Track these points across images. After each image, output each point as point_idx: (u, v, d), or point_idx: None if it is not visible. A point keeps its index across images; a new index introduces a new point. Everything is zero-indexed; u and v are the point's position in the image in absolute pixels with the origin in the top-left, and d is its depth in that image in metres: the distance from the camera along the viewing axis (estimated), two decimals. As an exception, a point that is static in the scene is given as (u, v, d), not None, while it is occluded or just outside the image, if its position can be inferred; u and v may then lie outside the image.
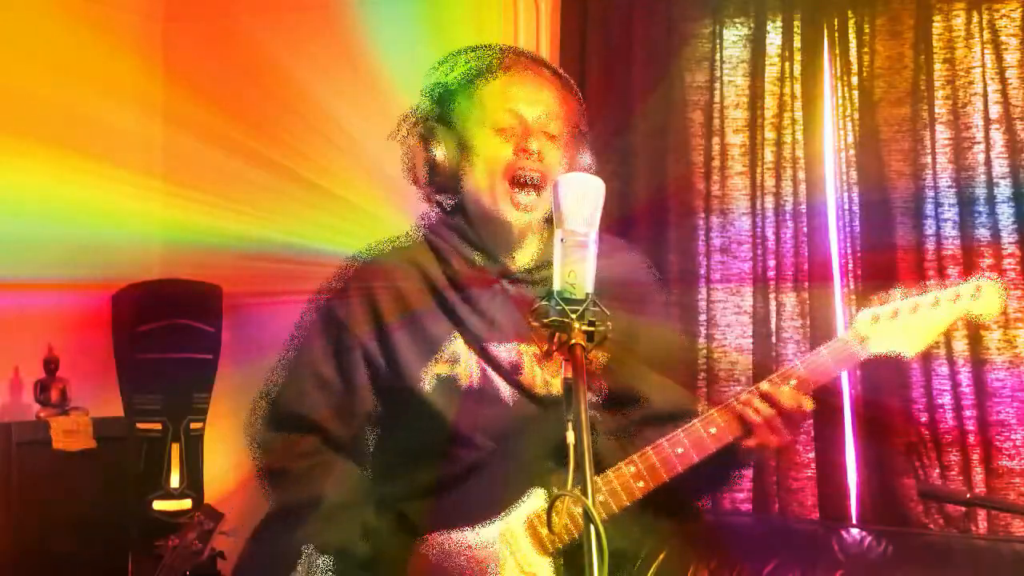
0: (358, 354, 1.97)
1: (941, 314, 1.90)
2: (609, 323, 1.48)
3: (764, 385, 1.89)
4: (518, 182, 1.93)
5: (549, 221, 1.99)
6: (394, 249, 2.06)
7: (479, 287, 1.97)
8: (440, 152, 1.98)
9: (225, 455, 3.88)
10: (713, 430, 1.88)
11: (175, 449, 3.77)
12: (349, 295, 2.01)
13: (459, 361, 1.95)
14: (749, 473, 3.32)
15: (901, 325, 1.90)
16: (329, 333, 2.00)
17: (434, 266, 1.99)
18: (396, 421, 2.01)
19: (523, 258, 2.02)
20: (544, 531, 1.88)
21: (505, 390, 1.95)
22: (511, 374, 1.95)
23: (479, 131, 1.97)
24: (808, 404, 1.88)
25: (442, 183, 2.01)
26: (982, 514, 3.08)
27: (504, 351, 1.95)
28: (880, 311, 1.91)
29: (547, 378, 1.95)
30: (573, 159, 2.02)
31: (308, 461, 1.97)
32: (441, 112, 2.01)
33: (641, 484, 1.87)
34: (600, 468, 1.95)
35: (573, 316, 1.46)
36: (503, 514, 1.90)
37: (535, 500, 1.91)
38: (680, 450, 1.87)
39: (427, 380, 1.93)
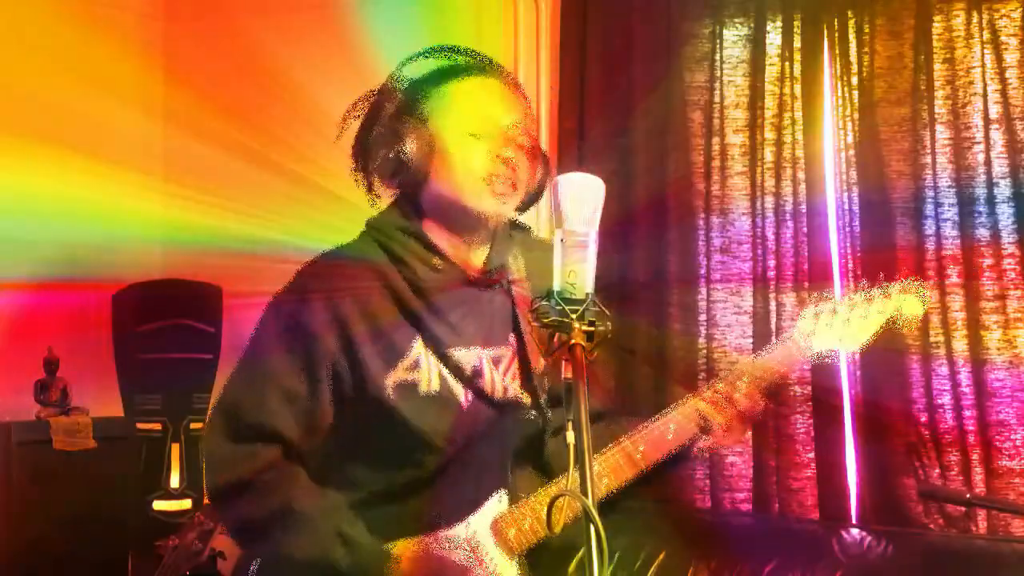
0: (320, 362, 1.89)
1: (874, 311, 1.99)
2: (609, 323, 1.49)
3: (719, 385, 1.95)
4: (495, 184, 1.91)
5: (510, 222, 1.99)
6: (349, 252, 1.99)
7: (439, 291, 1.94)
8: (408, 148, 1.90)
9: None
10: (672, 427, 1.93)
11: (175, 449, 3.78)
12: (309, 301, 1.92)
13: (420, 367, 1.91)
14: (749, 473, 3.33)
15: (840, 321, 1.99)
16: (289, 340, 1.91)
17: (393, 271, 1.93)
18: (359, 427, 1.95)
19: (479, 257, 1.98)
20: (511, 532, 1.90)
21: (462, 394, 1.93)
22: (470, 379, 1.93)
23: (453, 132, 1.92)
24: (760, 403, 1.95)
25: (404, 179, 1.94)
26: (982, 514, 3.08)
27: (463, 355, 1.93)
28: (821, 308, 2.01)
29: (505, 383, 1.95)
30: (534, 174, 1.96)
31: (272, 472, 1.88)
32: (410, 105, 1.95)
33: (606, 481, 1.89)
34: (553, 472, 1.99)
35: (573, 316, 1.46)
36: (468, 517, 1.92)
37: (498, 503, 1.94)
38: (642, 448, 1.92)
39: (389, 386, 1.89)
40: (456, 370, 1.93)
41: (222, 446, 1.91)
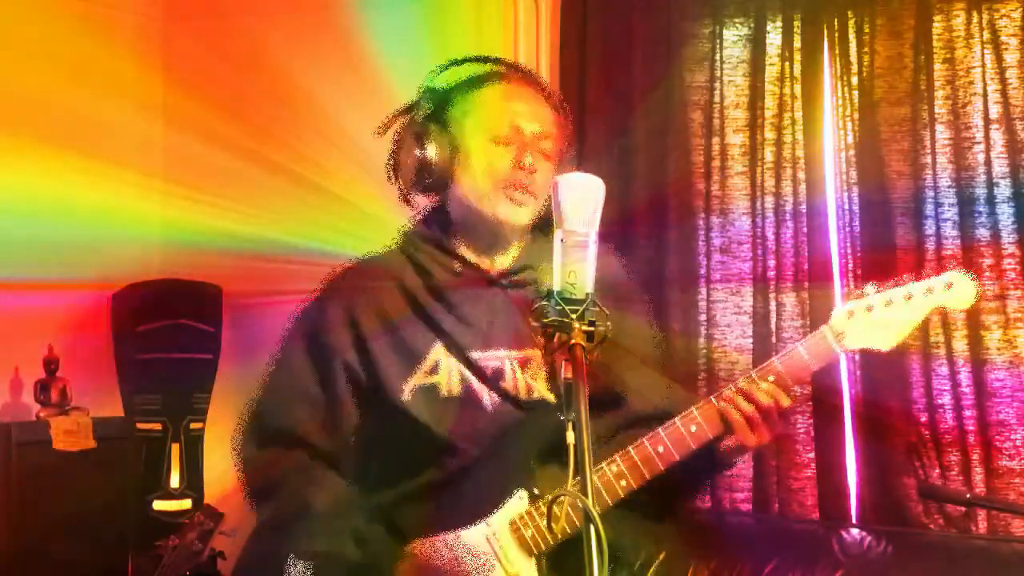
0: (338, 366, 1.96)
1: (915, 308, 1.90)
2: (609, 323, 1.49)
3: (742, 382, 1.90)
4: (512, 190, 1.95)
5: (533, 227, 2.01)
6: (373, 260, 2.06)
7: (459, 294, 1.97)
8: (432, 153, 1.97)
9: (225, 455, 3.84)
10: (693, 428, 1.89)
11: (175, 449, 3.78)
12: (328, 307, 2.00)
13: (439, 370, 1.95)
14: (749, 473, 3.33)
15: (876, 320, 1.90)
16: (309, 346, 2.00)
17: (412, 276, 1.99)
18: (380, 431, 2.00)
19: (503, 262, 2.01)
20: (528, 532, 1.90)
21: (486, 397, 1.96)
22: (493, 380, 1.95)
23: (476, 138, 1.97)
24: (785, 401, 1.89)
25: (428, 184, 2.00)
26: (982, 514, 3.08)
27: (485, 357, 1.96)
28: (855, 306, 1.91)
29: (529, 382, 1.96)
30: None
31: (296, 476, 1.96)
32: (437, 113, 2.00)
33: (624, 483, 1.88)
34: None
35: (573, 316, 1.46)
36: (488, 517, 1.91)
37: (518, 502, 1.92)
38: (661, 449, 1.88)
39: (408, 390, 1.94)
40: (478, 372, 1.95)
41: (249, 451, 2.04)
